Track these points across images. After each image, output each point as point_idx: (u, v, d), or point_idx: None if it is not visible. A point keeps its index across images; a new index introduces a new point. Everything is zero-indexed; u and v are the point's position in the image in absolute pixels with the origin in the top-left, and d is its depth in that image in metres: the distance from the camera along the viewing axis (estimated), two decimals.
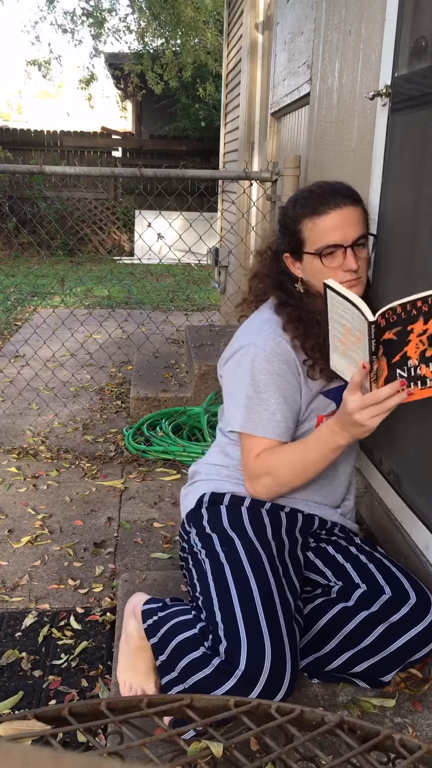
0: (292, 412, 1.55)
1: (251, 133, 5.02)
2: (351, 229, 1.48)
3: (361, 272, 1.52)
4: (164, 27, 10.37)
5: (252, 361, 1.52)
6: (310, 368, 1.55)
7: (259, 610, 1.35)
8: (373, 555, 1.57)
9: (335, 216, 1.48)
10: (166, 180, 8.61)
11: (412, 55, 1.69)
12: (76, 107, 19.26)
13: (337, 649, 1.47)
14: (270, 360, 1.52)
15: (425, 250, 1.53)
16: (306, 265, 1.54)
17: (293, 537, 1.59)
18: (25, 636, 1.84)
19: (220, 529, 1.54)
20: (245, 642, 1.31)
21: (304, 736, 0.66)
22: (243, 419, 1.54)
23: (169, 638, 1.42)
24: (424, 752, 0.65)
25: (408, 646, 1.42)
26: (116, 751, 0.64)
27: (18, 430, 3.33)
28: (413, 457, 1.62)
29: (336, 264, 1.49)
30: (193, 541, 1.59)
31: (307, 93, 2.91)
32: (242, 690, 1.27)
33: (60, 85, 23.65)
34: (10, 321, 5.75)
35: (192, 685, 1.34)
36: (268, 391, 1.52)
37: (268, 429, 1.52)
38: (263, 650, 1.29)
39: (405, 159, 1.66)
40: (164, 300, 6.76)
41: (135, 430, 3.21)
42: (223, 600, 1.40)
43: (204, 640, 1.37)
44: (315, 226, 1.49)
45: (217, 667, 1.31)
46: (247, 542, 1.49)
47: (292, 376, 1.54)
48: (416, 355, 1.27)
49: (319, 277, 1.49)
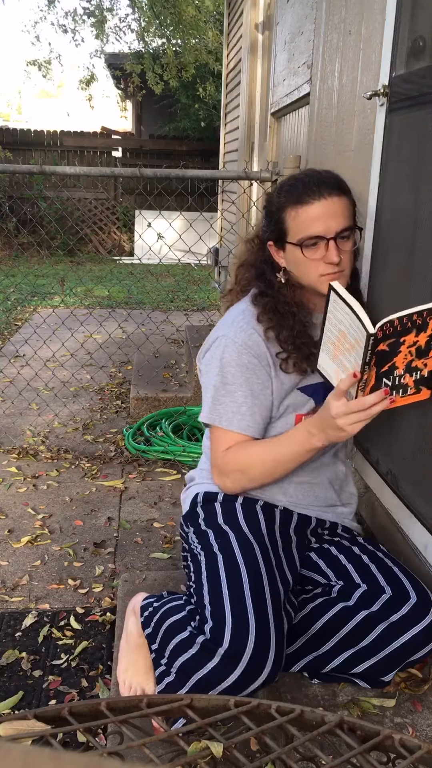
0: (261, 406, 1.53)
1: (251, 133, 5.03)
2: (335, 221, 1.44)
3: (343, 265, 1.48)
4: (165, 26, 10.37)
5: (222, 353, 1.52)
6: (284, 361, 1.52)
7: (247, 593, 1.36)
8: (375, 555, 1.57)
9: (319, 206, 1.43)
10: (166, 180, 8.61)
11: (410, 55, 1.69)
12: (76, 107, 19.26)
13: (336, 647, 1.46)
14: (240, 352, 1.51)
15: (423, 250, 1.53)
16: (288, 254, 1.51)
17: (287, 535, 1.59)
18: (25, 636, 1.84)
19: (215, 524, 1.55)
20: (230, 621, 1.31)
21: (304, 736, 0.66)
22: (209, 410, 1.54)
23: (160, 624, 1.45)
24: (424, 752, 0.65)
25: (408, 645, 1.42)
26: (116, 751, 0.64)
27: (18, 430, 3.33)
28: (410, 457, 1.62)
29: (317, 256, 1.45)
30: (191, 540, 1.59)
31: (307, 93, 2.91)
32: (225, 671, 1.28)
33: (60, 85, 23.66)
34: (10, 321, 5.75)
35: (179, 668, 1.34)
36: (235, 383, 1.51)
37: (233, 421, 1.51)
38: (247, 630, 1.29)
39: (402, 159, 1.66)
40: (164, 300, 6.76)
41: (135, 430, 3.21)
42: (212, 584, 1.40)
43: (191, 621, 1.39)
44: (298, 216, 1.45)
45: (201, 646, 1.32)
46: (240, 534, 1.50)
47: (261, 370, 1.52)
48: (403, 365, 1.28)
49: (302, 268, 1.48)
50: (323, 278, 1.46)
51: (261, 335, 1.52)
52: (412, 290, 1.59)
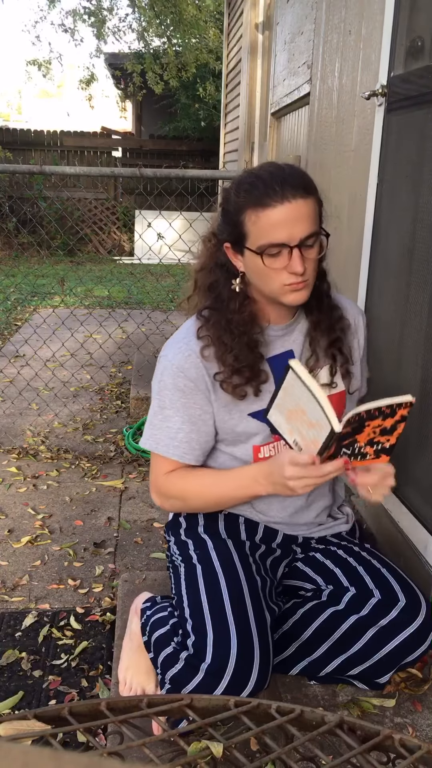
0: (199, 432, 1.44)
1: (251, 133, 5.03)
2: (299, 227, 1.28)
3: (307, 275, 1.33)
4: (166, 26, 10.37)
5: (161, 374, 1.44)
6: (222, 382, 1.40)
7: (227, 605, 1.33)
8: (361, 556, 1.52)
9: (282, 210, 1.27)
10: (166, 180, 8.60)
11: (408, 55, 1.69)
12: (76, 107, 19.26)
13: (329, 652, 1.44)
14: (175, 375, 1.41)
15: (421, 250, 1.53)
16: (247, 261, 1.35)
17: (270, 547, 1.55)
18: (25, 636, 1.84)
19: (195, 534, 1.52)
20: (211, 636, 1.29)
21: (304, 736, 0.66)
22: (147, 434, 1.47)
23: (151, 635, 1.44)
24: (424, 752, 0.65)
25: (399, 649, 1.38)
26: (116, 751, 0.64)
27: (18, 430, 3.33)
28: (411, 459, 1.62)
29: (279, 265, 1.31)
30: (172, 550, 1.57)
31: (307, 93, 2.91)
32: (210, 683, 1.25)
33: (60, 85, 23.65)
34: (10, 321, 5.75)
35: (170, 680, 1.33)
36: (173, 407, 1.43)
37: (169, 448, 1.44)
38: (229, 643, 1.27)
39: (401, 158, 1.66)
40: (164, 300, 6.76)
41: (135, 430, 3.21)
42: (192, 597, 1.38)
43: (174, 636, 1.37)
44: (258, 220, 1.29)
45: (186, 662, 1.30)
46: (219, 541, 1.47)
47: (199, 394, 1.41)
48: (365, 441, 1.24)
49: (263, 277, 1.34)
50: (286, 288, 1.33)
51: (198, 355, 1.40)
52: (411, 290, 1.59)
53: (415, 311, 1.59)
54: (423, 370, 1.62)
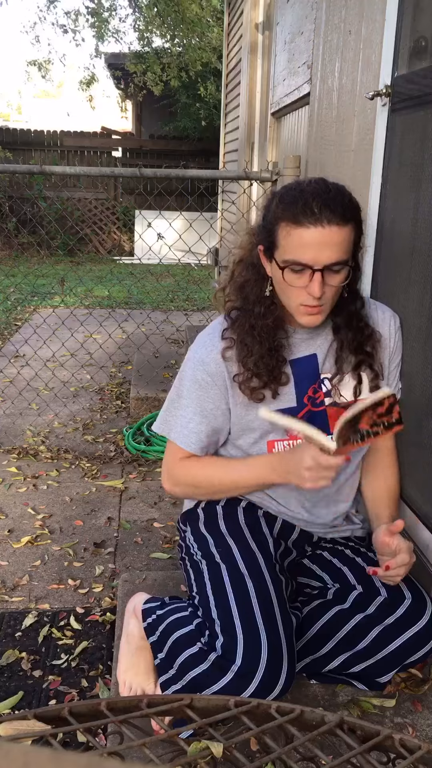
0: (209, 426, 1.47)
1: (251, 132, 5.03)
2: (327, 253, 1.27)
3: (324, 299, 1.33)
4: (168, 25, 10.35)
5: (185, 365, 1.49)
6: (241, 384, 1.42)
7: (255, 606, 1.34)
8: (369, 557, 1.55)
9: (314, 233, 1.26)
10: (166, 180, 8.61)
11: (412, 55, 1.69)
12: (76, 107, 19.26)
13: (333, 651, 1.46)
14: (195, 368, 1.45)
15: (426, 251, 1.53)
16: (274, 269, 1.37)
17: (287, 546, 1.57)
18: (25, 636, 1.84)
19: (216, 529, 1.53)
20: (241, 638, 1.30)
21: (304, 736, 0.66)
22: (161, 419, 1.53)
23: (167, 635, 1.42)
24: (424, 752, 0.65)
25: (404, 647, 1.41)
26: (116, 751, 0.64)
27: (18, 430, 3.33)
28: (412, 457, 1.62)
29: (300, 283, 1.31)
30: (189, 542, 1.58)
31: (307, 93, 2.91)
32: (238, 686, 1.27)
33: (60, 85, 23.68)
34: (10, 321, 5.75)
35: (189, 681, 1.33)
36: (189, 398, 1.47)
37: (180, 435, 1.48)
38: (260, 646, 1.28)
39: (405, 159, 1.66)
40: (164, 300, 6.76)
41: (135, 430, 3.21)
42: (219, 597, 1.39)
43: (200, 636, 1.37)
44: (289, 236, 1.29)
45: (213, 663, 1.30)
46: (242, 541, 1.48)
47: (216, 390, 1.44)
48: (368, 424, 1.27)
49: (283, 290, 1.36)
50: (301, 308, 1.34)
51: (220, 353, 1.43)
52: (415, 291, 1.59)
53: (421, 312, 1.59)
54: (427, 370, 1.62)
